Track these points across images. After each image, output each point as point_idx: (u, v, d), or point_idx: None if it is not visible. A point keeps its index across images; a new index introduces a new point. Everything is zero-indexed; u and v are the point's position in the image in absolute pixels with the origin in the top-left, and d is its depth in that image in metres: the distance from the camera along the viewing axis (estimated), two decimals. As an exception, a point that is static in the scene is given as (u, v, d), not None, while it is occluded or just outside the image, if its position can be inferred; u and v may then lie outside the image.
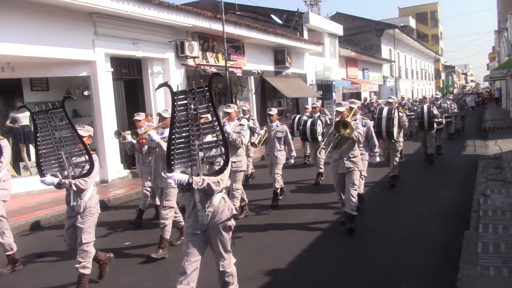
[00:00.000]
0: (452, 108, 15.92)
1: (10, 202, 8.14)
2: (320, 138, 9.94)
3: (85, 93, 12.03)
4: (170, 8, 12.74)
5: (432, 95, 29.15)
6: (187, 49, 14.01)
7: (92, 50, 11.30)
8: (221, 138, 3.73)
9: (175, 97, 3.68)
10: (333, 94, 27.48)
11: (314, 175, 10.59)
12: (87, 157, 4.80)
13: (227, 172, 3.83)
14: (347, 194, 6.46)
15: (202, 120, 3.73)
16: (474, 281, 4.27)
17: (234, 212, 3.98)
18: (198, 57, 14.88)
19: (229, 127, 7.10)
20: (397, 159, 9.53)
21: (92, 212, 4.92)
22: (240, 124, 7.22)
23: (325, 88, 26.82)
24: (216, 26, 14.90)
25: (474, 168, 10.45)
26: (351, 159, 6.45)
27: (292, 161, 8.78)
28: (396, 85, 42.77)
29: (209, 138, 3.86)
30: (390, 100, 10.14)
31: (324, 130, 9.34)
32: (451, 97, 18.56)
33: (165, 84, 3.90)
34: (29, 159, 11.05)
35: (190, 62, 14.75)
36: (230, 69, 15.81)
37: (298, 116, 12.23)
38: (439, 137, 13.55)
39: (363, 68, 34.78)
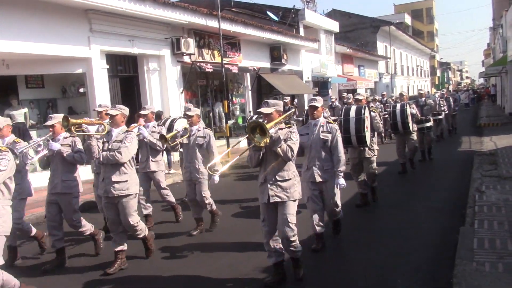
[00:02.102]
0: (441, 105, 14.64)
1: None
2: None
3: (81, 90, 12.01)
4: (166, 5, 12.71)
5: (429, 91, 29.05)
6: (183, 46, 13.98)
7: (88, 47, 11.26)
8: None
9: None
10: (329, 91, 27.50)
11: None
12: None
13: None
14: (281, 236, 4.66)
15: None
16: (470, 277, 4.29)
17: None
18: (194, 54, 14.85)
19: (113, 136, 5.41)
20: (374, 168, 7.73)
21: None
22: (127, 131, 5.44)
23: (321, 85, 26.83)
24: (212, 23, 14.87)
25: (470, 164, 10.49)
26: (279, 183, 4.62)
27: (217, 178, 6.22)
28: (392, 81, 42.83)
29: None
30: (359, 97, 8.19)
31: None
32: (438, 94, 16.75)
33: None
34: (25, 156, 11.02)
35: (186, 59, 14.71)
36: (226, 66, 15.79)
37: (255, 117, 9.27)
38: (429, 139, 11.92)
39: (359, 65, 34.80)
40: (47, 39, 10.15)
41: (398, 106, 10.00)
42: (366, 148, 7.40)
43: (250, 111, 18.41)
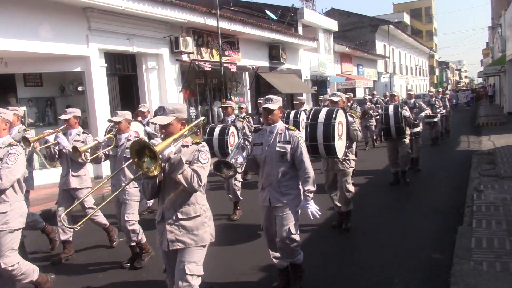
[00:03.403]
0: (437, 106, 13.85)
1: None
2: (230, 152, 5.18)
3: (79, 88, 11.99)
4: (165, 3, 12.69)
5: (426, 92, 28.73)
6: (182, 45, 13.97)
7: (86, 46, 11.24)
8: None
9: None
10: (328, 90, 27.53)
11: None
12: None
13: None
14: None
15: None
16: (468, 276, 4.30)
17: None
18: (192, 52, 14.84)
19: None
20: (350, 186, 6.29)
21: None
22: (10, 145, 4.19)
23: (320, 84, 26.86)
24: (210, 22, 14.86)
25: (468, 163, 10.50)
26: (182, 222, 3.42)
27: (150, 202, 5.37)
28: (391, 81, 42.88)
29: None
30: (334, 99, 6.42)
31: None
32: (432, 94, 15.19)
33: None
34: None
35: (185, 57, 14.70)
36: (225, 65, 15.78)
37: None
38: (416, 146, 10.45)
39: (358, 64, 34.82)
40: (45, 37, 10.13)
41: (391, 108, 8.63)
42: (340, 160, 6.10)
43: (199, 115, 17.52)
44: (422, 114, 10.83)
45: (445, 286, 4.33)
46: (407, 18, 60.26)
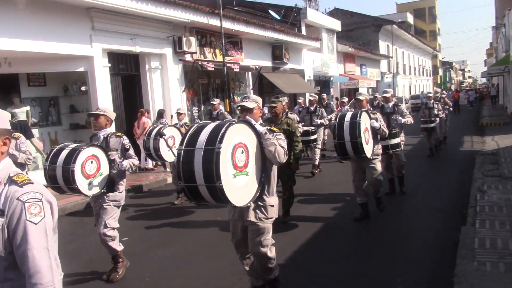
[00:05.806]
0: (435, 110, 12.29)
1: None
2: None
3: (82, 88, 12.02)
4: (168, 3, 12.71)
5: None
6: (185, 45, 13.99)
7: (90, 45, 11.27)
8: None
9: None
10: (331, 90, 27.52)
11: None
12: None
13: None
14: None
15: None
16: (471, 276, 4.29)
17: None
18: (195, 52, 14.86)
19: None
20: (268, 251, 3.96)
21: None
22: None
23: (323, 84, 26.85)
24: (214, 22, 14.87)
25: (471, 163, 10.47)
26: None
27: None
28: (394, 81, 42.81)
29: None
30: (247, 105, 4.08)
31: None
32: (431, 95, 12.98)
33: None
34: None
35: (188, 57, 14.72)
36: (228, 65, 15.78)
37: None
38: (398, 162, 8.28)
39: (361, 64, 34.79)
40: (49, 37, 10.16)
41: (348, 116, 6.30)
42: (249, 208, 3.86)
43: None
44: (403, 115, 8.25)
45: (448, 286, 4.31)
46: (410, 18, 60.22)
